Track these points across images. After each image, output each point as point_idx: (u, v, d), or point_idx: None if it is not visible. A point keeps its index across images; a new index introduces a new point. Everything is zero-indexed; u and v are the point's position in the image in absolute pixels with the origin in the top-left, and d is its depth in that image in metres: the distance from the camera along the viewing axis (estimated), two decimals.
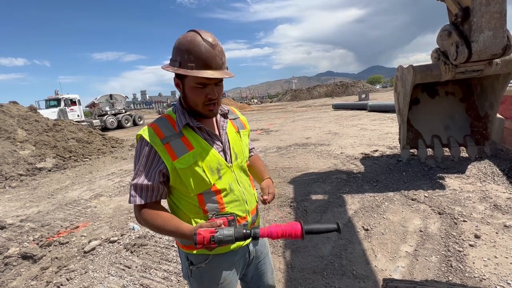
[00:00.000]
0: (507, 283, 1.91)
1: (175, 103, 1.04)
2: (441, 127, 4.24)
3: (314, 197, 3.70)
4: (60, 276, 2.53)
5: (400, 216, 2.98)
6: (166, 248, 2.82)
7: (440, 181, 3.72)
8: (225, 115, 1.11)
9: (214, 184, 0.98)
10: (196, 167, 0.94)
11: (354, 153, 5.62)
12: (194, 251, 1.04)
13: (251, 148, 1.34)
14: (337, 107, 16.72)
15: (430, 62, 3.63)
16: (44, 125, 8.94)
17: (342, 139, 7.21)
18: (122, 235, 3.19)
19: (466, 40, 2.96)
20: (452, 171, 4.00)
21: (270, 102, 47.49)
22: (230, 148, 1.05)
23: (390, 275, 2.11)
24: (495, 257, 2.18)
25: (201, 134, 1.00)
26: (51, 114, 15.17)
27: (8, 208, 4.61)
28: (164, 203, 1.08)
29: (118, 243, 3.03)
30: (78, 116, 18.04)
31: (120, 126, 19.92)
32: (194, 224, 0.98)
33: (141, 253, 2.77)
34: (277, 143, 7.74)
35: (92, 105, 20.33)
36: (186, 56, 0.87)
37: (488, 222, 2.66)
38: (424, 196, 3.35)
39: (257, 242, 1.20)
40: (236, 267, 1.11)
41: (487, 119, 3.90)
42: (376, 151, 5.54)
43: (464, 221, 2.72)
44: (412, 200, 3.30)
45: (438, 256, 2.28)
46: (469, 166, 4.06)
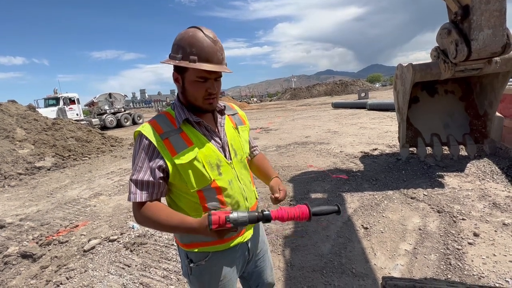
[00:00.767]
0: (506, 281, 1.92)
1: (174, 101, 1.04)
2: (441, 126, 4.24)
3: (314, 196, 3.70)
4: (60, 275, 2.53)
5: (400, 215, 2.98)
6: (166, 247, 2.82)
7: (439, 180, 3.73)
8: (222, 112, 1.10)
9: (214, 180, 0.98)
10: (196, 163, 0.94)
11: (354, 152, 5.62)
12: (196, 249, 1.03)
13: (255, 146, 1.32)
14: (337, 106, 16.72)
15: (430, 61, 3.63)
16: (43, 124, 8.91)
17: (342, 138, 7.22)
18: (122, 234, 3.19)
19: (466, 39, 2.96)
20: (451, 170, 4.01)
21: (270, 101, 47.48)
22: (229, 145, 1.05)
23: (389, 273, 2.12)
24: (494, 255, 2.19)
25: (200, 130, 1.00)
26: (50, 113, 15.13)
27: (8, 207, 4.60)
28: (163, 201, 1.08)
29: (118, 242, 3.03)
30: (77, 115, 18.00)
31: (119, 125, 19.88)
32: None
33: (141, 252, 2.78)
34: (277, 142, 7.74)
35: (91, 104, 20.28)
36: (189, 50, 0.89)
37: (487, 220, 2.67)
38: (423, 195, 3.36)
39: (257, 240, 1.20)
40: (236, 265, 1.11)
41: (486, 118, 3.90)
42: (376, 150, 5.54)
43: (463, 219, 2.73)
44: (411, 199, 3.31)
45: (437, 254, 2.29)
46: (468, 165, 4.07)
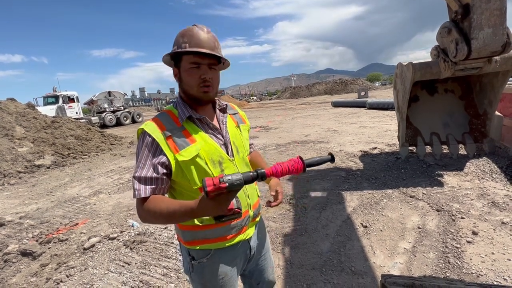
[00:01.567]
0: (504, 279, 1.93)
1: (174, 100, 1.05)
2: (440, 125, 4.25)
3: (313, 194, 3.71)
4: (60, 273, 2.53)
5: (399, 213, 2.99)
6: (166, 245, 2.83)
7: (439, 179, 3.74)
8: (224, 110, 1.11)
9: None
10: (198, 159, 0.95)
11: (353, 151, 5.63)
12: (198, 247, 1.04)
13: (250, 144, 1.34)
14: (336, 105, 16.72)
15: (430, 60, 3.63)
16: (42, 122, 8.89)
17: (341, 137, 7.22)
18: (122, 232, 3.19)
19: (466, 38, 2.96)
20: (451, 169, 4.02)
21: (269, 100, 47.37)
22: (231, 142, 1.06)
23: (389, 271, 2.13)
24: (492, 254, 2.20)
25: (203, 127, 1.01)
26: (49, 111, 15.08)
27: (7, 205, 4.61)
28: None
29: (118, 240, 3.03)
30: (77, 113, 17.97)
31: (119, 123, 19.85)
32: (197, 219, 0.99)
33: (141, 250, 2.78)
34: (276, 141, 7.75)
35: (91, 102, 20.24)
36: (181, 40, 0.94)
37: (486, 219, 2.68)
38: (423, 193, 3.37)
39: (259, 238, 1.21)
40: (237, 263, 1.11)
41: (486, 117, 3.91)
42: (375, 149, 5.55)
43: (462, 218, 2.74)
44: (411, 197, 3.32)
45: (436, 253, 2.30)
46: (468, 164, 4.08)
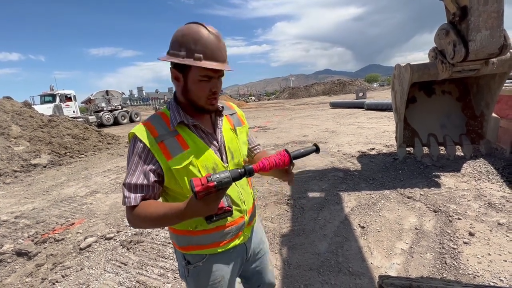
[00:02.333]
0: (500, 280, 1.94)
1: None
2: (437, 126, 4.26)
3: (311, 195, 3.71)
4: (56, 273, 2.51)
5: (396, 214, 3.00)
6: (163, 245, 2.82)
7: (436, 180, 3.76)
8: (220, 113, 1.05)
9: None
10: (191, 167, 0.91)
11: (351, 151, 5.64)
12: (193, 252, 1.02)
13: (256, 145, 1.26)
14: (335, 105, 16.76)
15: (428, 61, 3.64)
16: (39, 121, 8.83)
17: (339, 137, 7.23)
18: (118, 232, 3.17)
19: (464, 39, 2.97)
20: (448, 170, 4.04)
21: (268, 100, 47.41)
22: (226, 148, 1.02)
23: (386, 272, 2.13)
24: (489, 254, 2.21)
25: (197, 133, 0.96)
26: (46, 110, 14.97)
27: (3, 205, 4.56)
28: None
29: (114, 240, 3.01)
30: (74, 112, 17.85)
31: (117, 123, 19.76)
32: (191, 224, 0.98)
33: (138, 250, 2.76)
34: (275, 141, 7.75)
35: (88, 101, 20.13)
36: (193, 47, 0.84)
37: (482, 220, 2.70)
38: (420, 194, 3.38)
39: (256, 240, 1.19)
40: (234, 266, 1.10)
41: (483, 118, 3.93)
42: (373, 149, 5.57)
43: (459, 219, 2.75)
44: (408, 198, 3.33)
45: (433, 254, 2.30)
46: (464, 165, 4.11)
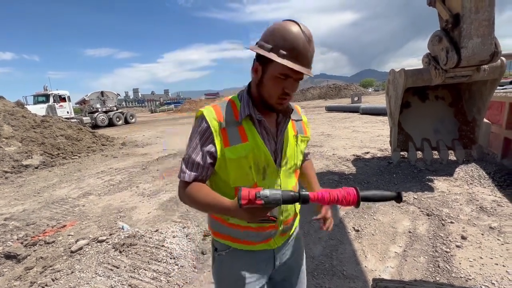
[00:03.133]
0: (492, 283, 1.96)
1: (169, 101, 0.99)
2: (431, 131, 4.33)
3: None
4: (45, 277, 2.45)
5: (390, 217, 3.02)
6: (156, 248, 2.78)
7: (429, 183, 3.80)
8: (287, 115, 1.01)
9: (256, 183, 0.95)
10: (244, 161, 0.92)
11: (346, 155, 5.68)
12: (220, 240, 1.03)
13: (307, 153, 1.23)
14: (330, 109, 16.90)
15: (421, 67, 3.70)
16: (32, 121, 8.69)
17: (335, 141, 7.28)
18: (111, 235, 3.12)
19: (456, 46, 3.04)
20: (441, 174, 4.09)
21: None
22: (283, 151, 0.99)
23: (380, 276, 2.14)
24: (481, 258, 2.24)
25: (259, 129, 0.95)
26: (39, 110, 14.75)
27: None
28: None
29: (107, 243, 2.96)
30: (68, 113, 17.63)
31: (111, 124, 19.56)
32: (227, 216, 0.98)
33: (130, 253, 2.72)
34: None
35: (83, 102, 19.92)
36: (281, 43, 0.83)
37: (474, 224, 2.73)
38: (414, 198, 3.42)
39: (289, 252, 1.11)
40: (257, 271, 1.03)
41: (475, 124, 4.00)
42: (368, 153, 5.61)
43: (452, 223, 2.79)
44: (402, 202, 3.36)
45: (426, 257, 2.32)
46: (457, 169, 4.16)
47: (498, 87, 3.93)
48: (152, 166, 6.28)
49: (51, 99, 17.07)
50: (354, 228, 2.85)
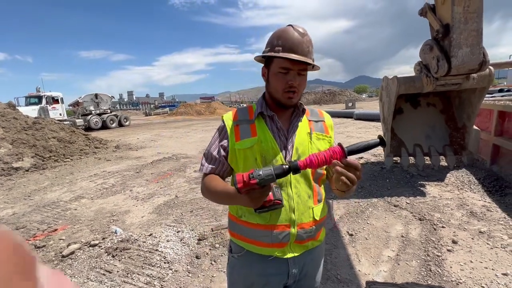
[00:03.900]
0: (481, 287, 2.01)
1: (163, 104, 1.03)
2: (423, 137, 4.42)
3: None
4: None
5: (383, 222, 3.06)
6: (150, 252, 2.75)
7: (421, 189, 3.87)
8: (301, 113, 1.04)
9: None
10: (249, 152, 0.98)
11: None
12: (235, 240, 1.05)
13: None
14: None
15: (413, 74, 3.80)
16: (23, 123, 8.54)
17: None
18: (104, 239, 3.08)
19: (446, 55, 3.14)
20: (432, 179, 4.17)
21: None
22: (294, 148, 0.99)
23: (373, 279, 2.16)
24: (471, 262, 2.28)
25: (270, 125, 1.01)
26: (31, 112, 14.48)
27: None
28: None
29: (99, 247, 2.92)
30: (61, 115, 17.35)
31: (105, 127, 19.33)
32: (238, 212, 1.03)
33: (123, 257, 2.69)
34: None
35: (76, 104, 19.65)
36: (275, 42, 0.94)
37: (465, 228, 2.79)
38: (406, 203, 3.47)
39: (306, 268, 1.05)
40: (270, 280, 1.01)
41: (465, 130, 4.11)
42: (361, 158, 5.68)
43: (443, 227, 2.84)
44: (395, 206, 3.41)
45: (418, 261, 2.36)
46: (448, 175, 4.25)
47: (487, 95, 4.05)
48: (146, 170, 6.22)
49: (44, 101, 16.80)
50: (348, 233, 2.87)
